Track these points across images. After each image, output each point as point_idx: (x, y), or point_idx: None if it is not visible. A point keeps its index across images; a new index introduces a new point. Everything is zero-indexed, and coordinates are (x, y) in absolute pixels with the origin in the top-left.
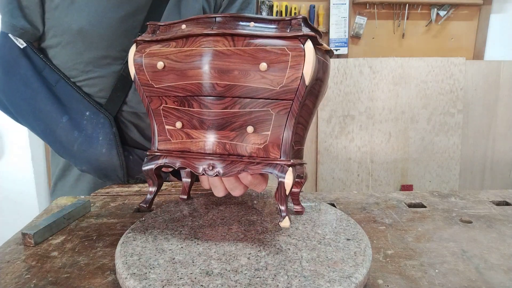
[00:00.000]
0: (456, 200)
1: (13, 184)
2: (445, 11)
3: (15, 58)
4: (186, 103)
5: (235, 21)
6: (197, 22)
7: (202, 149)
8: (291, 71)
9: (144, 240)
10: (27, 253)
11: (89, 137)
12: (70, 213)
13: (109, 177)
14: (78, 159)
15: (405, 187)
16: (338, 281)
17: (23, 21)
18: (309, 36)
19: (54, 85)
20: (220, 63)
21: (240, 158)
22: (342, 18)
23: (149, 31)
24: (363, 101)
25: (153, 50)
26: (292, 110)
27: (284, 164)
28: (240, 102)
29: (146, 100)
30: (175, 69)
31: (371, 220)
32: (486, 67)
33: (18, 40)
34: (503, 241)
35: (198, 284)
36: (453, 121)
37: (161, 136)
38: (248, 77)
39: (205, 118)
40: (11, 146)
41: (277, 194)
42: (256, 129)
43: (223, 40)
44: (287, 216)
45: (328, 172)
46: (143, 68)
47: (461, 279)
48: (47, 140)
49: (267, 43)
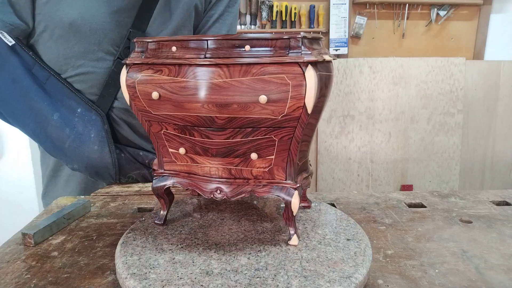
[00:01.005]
0: (456, 200)
1: (13, 185)
2: (445, 11)
3: (4, 56)
4: (187, 132)
5: (229, 47)
6: (188, 44)
7: (208, 173)
8: (292, 101)
9: (144, 240)
10: (27, 253)
11: (80, 134)
12: (70, 213)
13: (100, 175)
14: (70, 157)
15: (405, 187)
16: (338, 281)
17: (13, 17)
18: (309, 62)
19: (45, 82)
20: (218, 97)
21: (246, 181)
22: (342, 18)
23: (138, 50)
24: (363, 101)
25: (145, 76)
26: (296, 135)
27: (290, 187)
28: (242, 132)
29: (146, 124)
30: (171, 100)
31: (371, 220)
32: (486, 67)
33: (6, 38)
34: (503, 241)
35: (198, 284)
36: (453, 121)
37: (166, 158)
38: (248, 109)
39: (208, 147)
40: (11, 146)
41: (285, 215)
42: (260, 155)
43: (218, 71)
44: (295, 234)
45: (328, 172)
46: (138, 95)
47: (461, 279)
48: (37, 139)
49: (265, 71)
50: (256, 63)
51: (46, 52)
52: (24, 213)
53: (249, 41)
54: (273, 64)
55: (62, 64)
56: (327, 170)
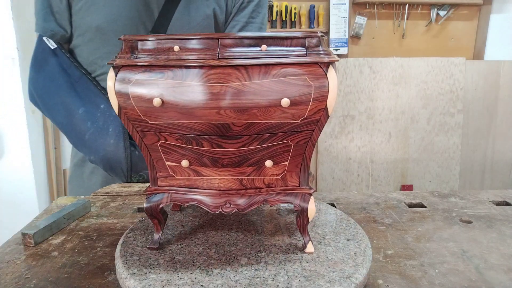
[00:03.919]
0: (456, 200)
1: (13, 184)
2: (445, 11)
3: (46, 57)
4: (194, 142)
5: (244, 46)
6: (196, 44)
7: (216, 186)
8: (314, 103)
9: (144, 240)
10: (27, 253)
11: (100, 128)
12: (70, 213)
13: (113, 169)
14: (88, 148)
15: (405, 187)
16: (338, 281)
17: (54, 24)
18: (330, 63)
19: (77, 80)
20: (236, 102)
21: (259, 191)
22: (342, 18)
23: (126, 50)
24: (363, 101)
25: (141, 79)
26: (312, 139)
27: (306, 193)
28: (259, 138)
29: (137, 135)
30: (177, 107)
31: (371, 220)
32: (486, 67)
33: (50, 42)
34: (503, 241)
35: (198, 284)
36: (453, 121)
37: (162, 172)
38: (268, 113)
39: (218, 157)
40: (11, 146)
41: (299, 222)
42: (274, 162)
43: (235, 73)
44: (310, 241)
45: (328, 172)
46: (131, 102)
47: (461, 279)
48: (64, 130)
49: (286, 72)
50: (275, 64)
51: (80, 54)
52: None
53: (264, 40)
54: (293, 65)
55: (91, 64)
56: (327, 170)
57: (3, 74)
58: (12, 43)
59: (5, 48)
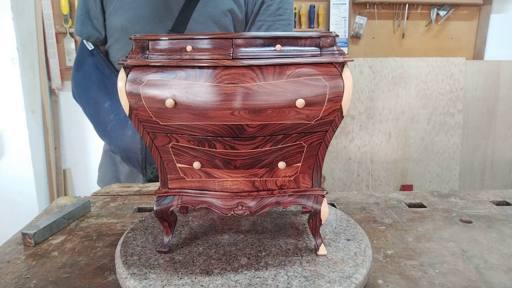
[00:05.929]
0: (456, 200)
1: (13, 184)
2: (445, 11)
3: (84, 58)
4: (206, 144)
5: (258, 46)
6: (210, 44)
7: (228, 188)
8: (329, 104)
9: (144, 240)
10: (27, 253)
11: (121, 120)
12: (70, 213)
13: (130, 160)
14: (109, 138)
15: (405, 187)
16: (338, 282)
17: (90, 28)
18: (344, 63)
19: (108, 77)
20: (251, 103)
21: (271, 193)
22: (342, 18)
23: (137, 50)
24: (363, 101)
25: (153, 80)
26: (326, 140)
27: (319, 195)
28: (273, 139)
29: (148, 136)
30: (191, 108)
31: (371, 220)
32: (486, 67)
33: (88, 44)
34: (503, 241)
35: (198, 284)
36: (453, 121)
37: (172, 174)
38: (282, 114)
39: (231, 159)
40: (11, 146)
41: (312, 224)
42: (287, 163)
43: (249, 73)
44: (322, 243)
45: (328, 172)
46: (143, 103)
47: (461, 279)
48: (93, 122)
49: (300, 72)
50: (290, 64)
51: (111, 54)
52: (24, 213)
53: (279, 39)
54: (308, 65)
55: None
56: (327, 170)
57: (3, 74)
58: (12, 43)
59: (5, 48)
